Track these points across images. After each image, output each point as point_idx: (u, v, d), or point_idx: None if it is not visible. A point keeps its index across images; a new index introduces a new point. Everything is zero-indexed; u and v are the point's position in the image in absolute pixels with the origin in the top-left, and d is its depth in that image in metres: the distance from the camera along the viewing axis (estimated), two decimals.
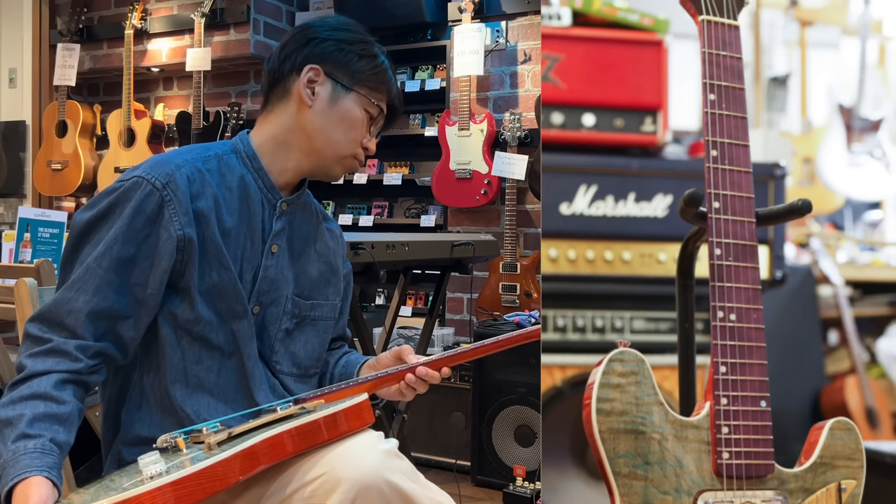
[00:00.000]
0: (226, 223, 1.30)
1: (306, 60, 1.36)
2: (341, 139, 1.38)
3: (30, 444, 1.10)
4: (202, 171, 1.30)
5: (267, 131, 1.39)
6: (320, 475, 1.14)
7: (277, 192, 1.38)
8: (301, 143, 1.37)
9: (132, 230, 1.23)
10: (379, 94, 1.40)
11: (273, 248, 1.36)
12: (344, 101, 1.37)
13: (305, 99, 1.36)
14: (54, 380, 1.17)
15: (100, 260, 1.22)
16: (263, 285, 1.35)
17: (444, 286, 2.92)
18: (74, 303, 1.21)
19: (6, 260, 2.74)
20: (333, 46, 1.37)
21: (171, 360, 1.28)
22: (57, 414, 1.15)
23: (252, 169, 1.36)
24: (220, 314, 1.29)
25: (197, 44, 4.20)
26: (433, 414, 3.36)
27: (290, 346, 1.40)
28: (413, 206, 4.25)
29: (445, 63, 4.03)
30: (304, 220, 1.44)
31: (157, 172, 1.26)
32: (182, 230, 1.25)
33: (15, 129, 4.89)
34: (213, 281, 1.28)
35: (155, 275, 1.24)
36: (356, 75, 1.38)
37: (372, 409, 1.23)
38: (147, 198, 1.24)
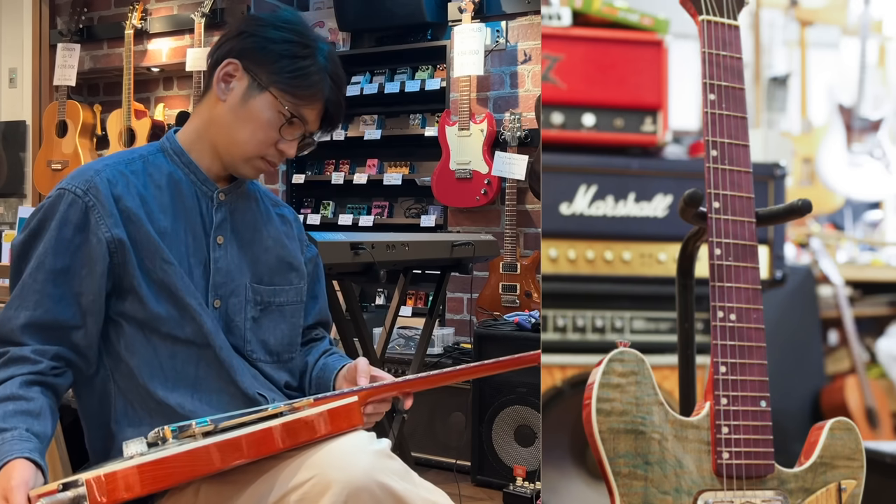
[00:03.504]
0: (159, 222, 1.29)
1: (228, 54, 1.33)
2: (248, 139, 1.33)
3: (7, 435, 1.11)
4: (124, 173, 1.30)
5: (192, 125, 1.38)
6: (310, 477, 1.13)
7: (212, 183, 1.36)
8: (214, 136, 1.35)
9: (62, 241, 1.24)
10: (297, 100, 1.32)
11: (218, 239, 1.35)
12: (256, 100, 1.32)
13: (219, 92, 1.33)
14: (18, 382, 1.18)
15: (34, 274, 1.23)
16: (218, 278, 1.34)
17: (444, 286, 2.92)
18: (16, 320, 1.22)
19: (6, 260, 2.74)
20: (258, 42, 1.33)
21: (145, 359, 1.28)
22: (28, 409, 1.16)
23: (181, 164, 1.35)
24: (177, 309, 1.29)
25: (197, 44, 4.20)
26: (433, 414, 3.36)
27: (259, 333, 1.39)
28: (413, 206, 4.25)
29: (445, 63, 4.03)
30: (247, 207, 1.42)
31: (78, 181, 1.27)
32: (109, 232, 1.25)
33: (15, 129, 4.89)
34: (158, 277, 1.27)
35: (94, 281, 1.25)
36: (272, 76, 1.31)
37: (361, 412, 1.22)
38: (70, 207, 1.25)
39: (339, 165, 4.38)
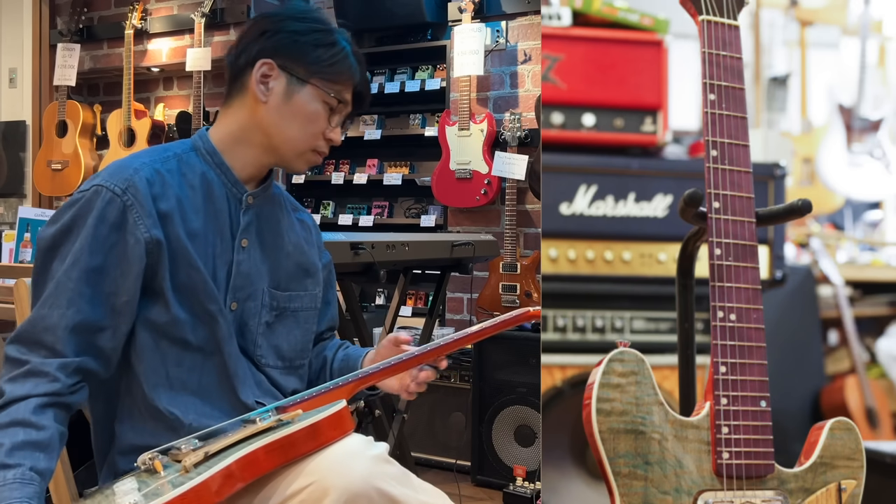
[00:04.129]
0: (192, 223, 1.29)
1: (259, 54, 1.33)
2: (299, 135, 1.34)
3: (9, 475, 1.09)
4: (161, 173, 1.29)
5: (226, 127, 1.37)
6: (308, 484, 1.13)
7: (242, 186, 1.36)
8: (259, 139, 1.35)
9: (98, 239, 1.22)
10: (338, 85, 1.35)
11: (243, 242, 1.35)
12: (300, 95, 1.33)
13: (259, 95, 1.32)
14: (33, 405, 1.15)
15: (69, 273, 1.21)
16: (238, 281, 1.33)
17: (444, 286, 2.92)
18: (49, 319, 1.20)
19: (6, 260, 2.74)
20: (287, 38, 1.33)
21: (152, 365, 1.27)
22: (37, 441, 1.13)
23: (214, 165, 1.34)
24: (194, 314, 1.28)
25: (197, 44, 4.20)
26: (433, 414, 3.35)
27: (272, 339, 1.39)
28: (413, 206, 4.25)
29: (445, 63, 4.03)
30: (272, 212, 1.42)
31: (116, 179, 1.25)
32: (148, 232, 1.23)
33: (15, 129, 4.89)
34: (182, 281, 1.27)
35: (128, 281, 1.23)
36: (311, 67, 1.32)
37: (351, 416, 1.22)
38: (108, 205, 1.23)
39: (339, 165, 4.38)
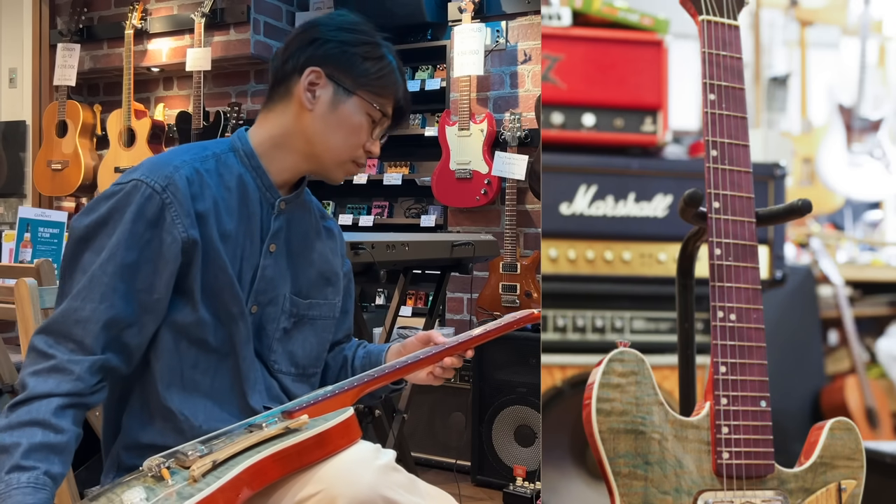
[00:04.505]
0: (225, 225, 1.29)
1: (308, 62, 1.33)
2: (341, 145, 1.35)
3: (23, 478, 1.09)
4: (200, 172, 1.28)
5: (266, 130, 1.37)
6: (316, 493, 1.13)
7: (276, 190, 1.36)
8: (300, 145, 1.35)
9: (134, 235, 1.21)
10: (383, 99, 1.36)
11: (271, 247, 1.35)
12: (345, 105, 1.34)
13: (306, 102, 1.33)
14: (55, 405, 1.15)
15: (104, 267, 1.20)
16: (262, 284, 1.34)
17: (444, 286, 2.92)
18: (81, 312, 1.19)
19: (6, 260, 2.75)
20: (337, 48, 1.34)
21: (169, 365, 1.27)
22: (54, 444, 1.13)
23: (250, 167, 1.34)
24: (217, 316, 1.28)
25: (197, 44, 4.20)
26: (433, 414, 3.36)
27: (288, 345, 1.39)
28: (413, 206, 4.25)
29: (445, 63, 4.03)
30: (302, 219, 1.43)
31: (157, 175, 1.24)
32: (186, 232, 1.23)
33: (15, 129, 4.89)
34: (209, 282, 1.27)
35: (161, 279, 1.23)
36: (359, 79, 1.34)
37: (359, 424, 1.22)
38: (147, 201, 1.22)
39: None
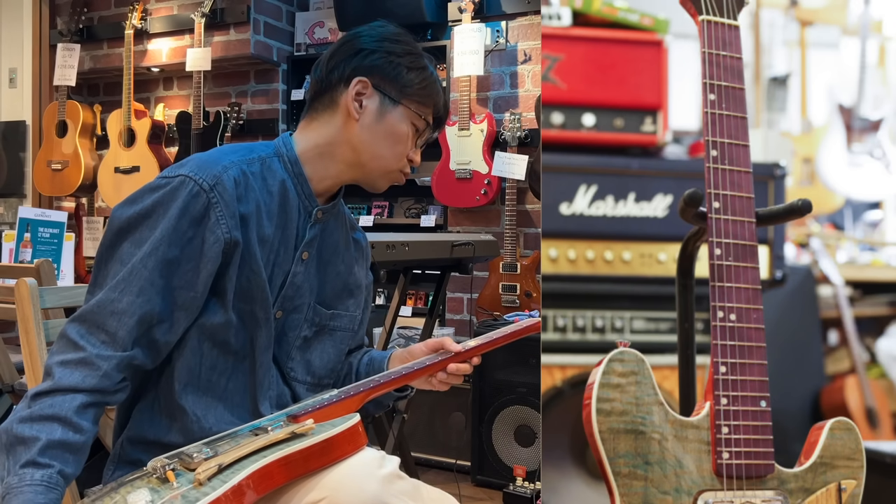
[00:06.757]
0: (264, 229, 1.29)
1: (355, 72, 1.34)
2: (387, 154, 1.36)
3: (37, 475, 1.09)
4: (247, 174, 1.28)
5: (311, 139, 1.37)
6: (320, 499, 1.14)
7: (314, 199, 1.36)
8: (346, 155, 1.36)
9: (178, 231, 1.21)
10: (426, 108, 1.38)
11: (304, 255, 1.35)
12: (391, 115, 1.35)
13: (353, 112, 1.34)
14: (78, 402, 1.14)
15: (145, 261, 1.19)
16: (289, 291, 1.34)
17: (444, 286, 2.92)
18: (118, 304, 1.18)
19: (6, 260, 2.75)
20: (382, 59, 1.35)
21: (188, 365, 1.27)
22: (72, 443, 1.13)
23: (293, 174, 1.34)
24: (242, 318, 1.28)
25: (197, 44, 4.20)
26: (433, 414, 3.35)
27: (306, 354, 1.40)
28: (413, 206, 4.25)
29: (445, 63, 4.03)
30: (334, 229, 1.43)
31: (205, 173, 1.23)
32: (229, 233, 1.23)
33: (15, 129, 4.89)
34: (242, 284, 1.27)
35: (200, 278, 1.22)
36: (405, 89, 1.35)
37: (365, 431, 1.23)
38: (194, 199, 1.21)
39: None
